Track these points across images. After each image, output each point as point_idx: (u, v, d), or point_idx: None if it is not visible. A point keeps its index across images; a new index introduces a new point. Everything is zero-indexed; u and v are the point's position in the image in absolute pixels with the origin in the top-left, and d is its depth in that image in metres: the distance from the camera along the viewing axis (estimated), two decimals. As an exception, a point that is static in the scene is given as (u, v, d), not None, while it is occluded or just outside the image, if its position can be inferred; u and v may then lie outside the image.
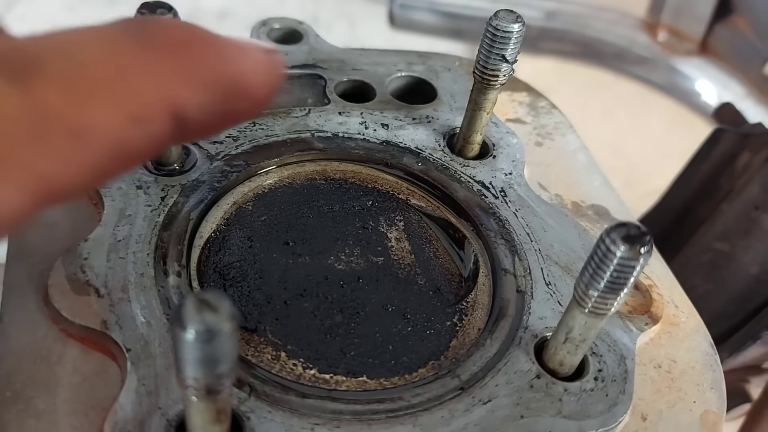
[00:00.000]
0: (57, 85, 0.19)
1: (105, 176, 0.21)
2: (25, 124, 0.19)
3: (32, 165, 0.19)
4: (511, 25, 0.35)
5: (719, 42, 0.82)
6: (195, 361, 0.21)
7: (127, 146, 0.20)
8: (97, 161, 0.20)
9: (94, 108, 0.20)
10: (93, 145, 0.20)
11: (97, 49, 0.20)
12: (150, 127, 0.21)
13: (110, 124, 0.20)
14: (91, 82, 0.20)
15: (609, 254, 0.25)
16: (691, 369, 0.33)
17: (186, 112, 0.21)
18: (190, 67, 0.22)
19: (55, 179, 0.19)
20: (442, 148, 0.40)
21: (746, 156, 0.50)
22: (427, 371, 0.30)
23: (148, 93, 0.21)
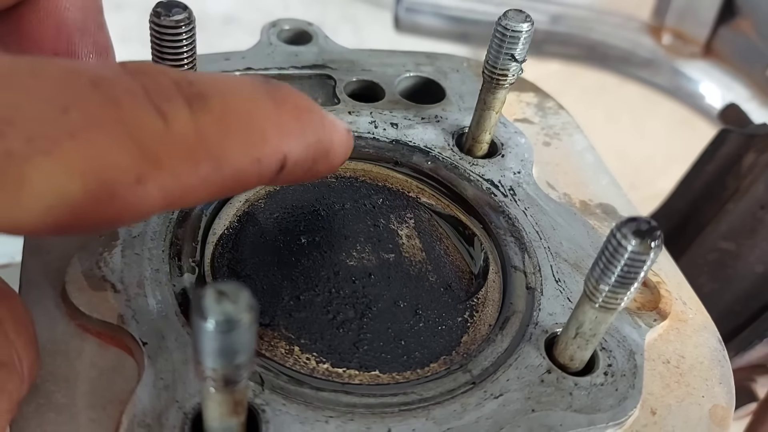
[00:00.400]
0: (215, 118, 0.24)
1: (215, 196, 0.25)
2: (185, 139, 0.23)
3: (177, 173, 0.23)
4: (520, 25, 0.35)
5: (723, 45, 0.82)
6: (214, 351, 0.21)
7: (242, 178, 0.25)
8: (219, 183, 0.24)
9: (234, 143, 0.24)
10: (223, 171, 0.24)
11: (245, 99, 0.25)
12: (263, 168, 0.25)
13: (240, 159, 0.24)
14: (238, 123, 0.25)
15: (620, 248, 0.25)
16: (700, 364, 0.33)
17: (288, 163, 0.26)
18: (303, 129, 0.27)
19: (187, 189, 0.23)
20: (451, 147, 0.40)
21: (752, 156, 0.51)
22: (439, 366, 0.31)
23: (272, 142, 0.26)
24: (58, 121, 0.21)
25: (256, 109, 0.26)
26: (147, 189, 0.22)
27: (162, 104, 0.23)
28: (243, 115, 0.25)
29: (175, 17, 0.30)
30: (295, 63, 0.43)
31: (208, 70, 0.41)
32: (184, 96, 0.23)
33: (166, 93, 0.23)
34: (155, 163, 0.22)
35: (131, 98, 0.22)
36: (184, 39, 0.31)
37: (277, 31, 0.45)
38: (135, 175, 0.22)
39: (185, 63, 0.32)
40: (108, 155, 0.22)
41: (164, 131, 0.23)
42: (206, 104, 0.24)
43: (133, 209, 0.23)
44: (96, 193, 0.21)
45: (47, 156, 0.21)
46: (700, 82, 0.86)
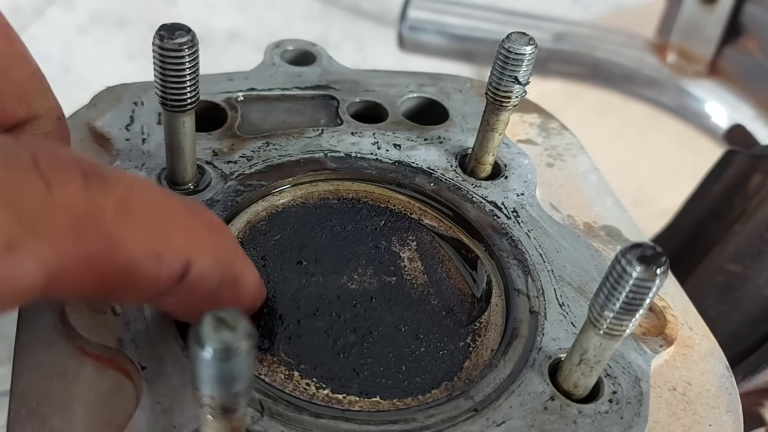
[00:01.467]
0: (114, 199, 0.23)
1: (105, 288, 0.23)
2: (71, 210, 0.21)
3: (57, 245, 0.21)
4: (523, 48, 0.35)
5: (728, 64, 0.82)
6: (212, 379, 0.21)
7: (137, 271, 0.23)
8: (109, 270, 0.23)
9: (132, 229, 0.23)
10: (114, 254, 0.23)
11: (156, 195, 0.25)
12: (163, 267, 0.24)
13: (137, 247, 0.23)
14: (140, 212, 0.24)
15: (624, 275, 0.25)
16: (707, 392, 0.33)
17: (192, 272, 0.25)
18: (214, 244, 0.26)
19: (70, 268, 0.22)
20: (454, 168, 0.40)
21: (758, 177, 0.50)
22: (441, 392, 0.30)
23: (176, 241, 0.25)
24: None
25: (166, 208, 0.25)
26: (21, 259, 0.20)
27: (49, 173, 0.21)
28: (148, 207, 0.24)
29: (179, 40, 0.30)
30: (299, 83, 0.43)
31: (212, 90, 0.41)
32: (82, 171, 0.22)
33: (58, 164, 0.22)
34: (31, 231, 0.21)
35: (9, 162, 0.21)
36: (187, 61, 0.31)
37: (281, 52, 0.45)
38: (5, 241, 0.20)
39: (188, 84, 0.32)
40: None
41: (46, 198, 0.21)
42: (106, 185, 0.23)
43: (6, 282, 0.20)
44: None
45: None
46: (706, 101, 0.85)
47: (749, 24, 0.79)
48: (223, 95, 0.41)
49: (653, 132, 1.27)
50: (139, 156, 0.37)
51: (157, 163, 0.36)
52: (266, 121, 0.41)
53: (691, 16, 0.84)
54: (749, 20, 0.79)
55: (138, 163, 0.37)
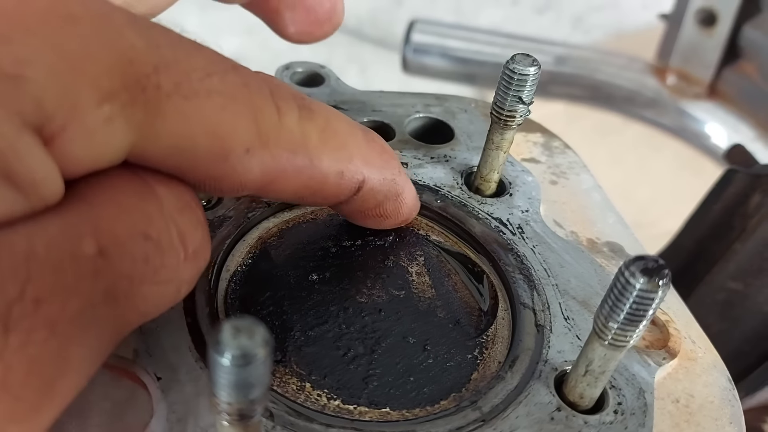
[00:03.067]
0: (317, 128, 0.30)
1: (301, 192, 0.30)
2: (291, 134, 0.28)
3: (277, 157, 0.28)
4: (527, 68, 0.36)
5: (728, 86, 0.83)
6: (230, 385, 0.21)
7: (325, 184, 0.30)
8: (306, 180, 0.29)
9: (327, 151, 0.29)
10: (313, 170, 0.29)
11: (345, 126, 0.31)
12: (344, 182, 0.31)
13: (328, 165, 0.30)
14: (333, 139, 0.30)
15: (628, 287, 0.26)
16: (710, 404, 0.33)
17: (365, 187, 0.32)
18: (383, 165, 0.32)
19: (281, 174, 0.28)
20: (460, 185, 0.41)
21: (758, 196, 0.51)
22: (449, 403, 0.31)
23: (356, 163, 0.31)
24: (202, 80, 0.25)
25: (351, 135, 0.31)
26: (251, 161, 0.26)
27: (280, 102, 0.27)
28: (339, 136, 0.30)
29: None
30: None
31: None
32: (298, 104, 0.28)
33: (284, 96, 0.28)
34: (264, 143, 0.27)
35: (259, 88, 0.27)
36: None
37: (290, 74, 0.47)
38: (246, 146, 0.26)
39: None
40: (231, 123, 0.26)
41: (277, 121, 0.27)
42: (312, 116, 0.29)
43: (235, 176, 0.26)
44: (214, 147, 0.25)
45: (185, 100, 0.24)
46: (706, 123, 0.87)
47: (747, 47, 0.81)
48: (235, 115, 0.42)
49: (654, 153, 1.28)
50: (153, 173, 0.38)
51: (170, 180, 0.37)
52: (276, 140, 0.42)
53: (691, 39, 0.85)
54: (747, 43, 0.81)
55: (152, 180, 0.37)
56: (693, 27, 0.85)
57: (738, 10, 0.79)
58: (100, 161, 0.24)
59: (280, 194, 0.29)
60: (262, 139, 0.27)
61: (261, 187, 0.28)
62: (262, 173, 0.27)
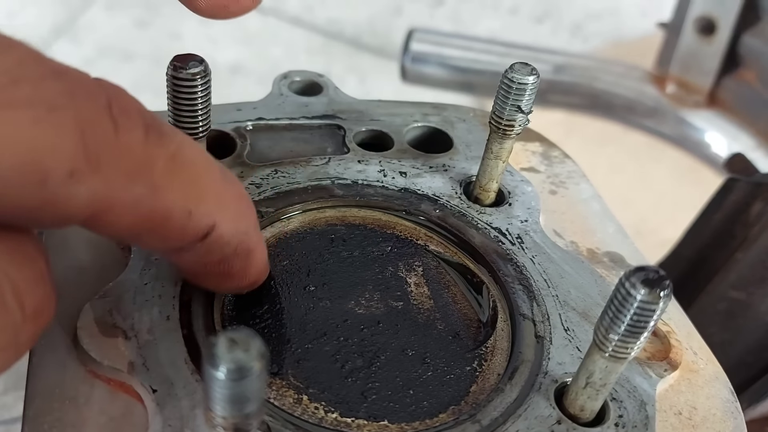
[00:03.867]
0: (166, 155, 0.25)
1: (137, 229, 0.25)
2: (130, 155, 0.23)
3: (111, 182, 0.23)
4: (526, 78, 0.36)
5: (727, 94, 0.83)
6: (225, 399, 0.21)
7: (168, 222, 0.25)
8: (146, 215, 0.25)
9: (174, 184, 0.25)
10: (154, 203, 0.24)
11: (201, 159, 0.27)
12: (190, 223, 0.26)
13: (174, 200, 0.25)
14: (184, 171, 0.25)
15: (629, 298, 0.26)
16: (712, 416, 0.33)
17: (213, 234, 0.27)
18: (239, 212, 0.28)
19: (114, 205, 0.24)
20: (459, 195, 0.41)
21: (759, 205, 0.51)
22: (448, 416, 0.31)
23: (208, 204, 0.26)
24: (5, 88, 0.21)
25: (207, 171, 0.27)
26: (77, 187, 0.22)
27: (120, 117, 0.23)
28: (192, 168, 0.26)
29: (192, 70, 0.31)
30: (306, 113, 0.44)
31: (221, 120, 0.42)
32: (144, 122, 0.24)
33: (127, 110, 0.24)
34: (93, 165, 0.22)
35: (90, 98, 0.23)
36: (199, 91, 0.32)
37: (288, 83, 0.47)
38: (70, 168, 0.22)
39: (200, 114, 0.33)
40: (48, 140, 0.21)
41: (113, 139, 0.23)
42: (162, 140, 0.24)
43: (57, 205, 0.22)
44: (26, 171, 0.21)
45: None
46: (705, 131, 0.87)
47: (747, 55, 0.81)
48: (233, 125, 0.42)
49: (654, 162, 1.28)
50: (150, 183, 0.38)
51: (167, 191, 0.37)
52: (274, 150, 0.42)
53: (690, 47, 0.85)
54: (747, 51, 0.81)
55: (149, 191, 0.37)
56: (692, 35, 0.85)
57: (737, 18, 0.79)
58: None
59: (111, 229, 0.25)
60: (91, 160, 0.22)
61: (89, 218, 0.23)
62: (90, 201, 0.23)
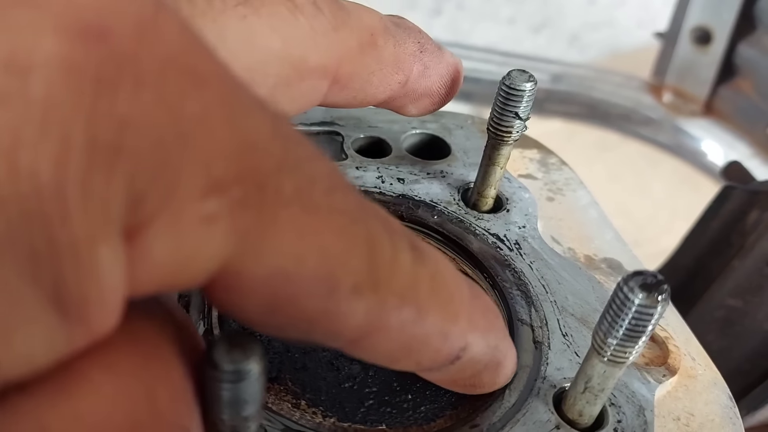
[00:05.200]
0: (428, 275, 0.23)
1: (397, 353, 0.24)
2: (404, 276, 0.22)
3: (385, 304, 0.22)
4: (523, 84, 0.36)
5: (724, 103, 0.84)
6: (223, 401, 0.21)
7: (424, 347, 0.24)
8: (405, 340, 0.23)
9: (435, 306, 0.23)
10: (417, 327, 0.23)
11: (451, 274, 0.25)
12: (445, 347, 0.24)
13: (434, 324, 0.23)
14: (442, 291, 0.24)
15: (627, 302, 0.26)
16: (710, 422, 0.33)
17: (465, 356, 0.25)
18: (488, 328, 0.26)
19: (383, 327, 0.22)
20: (457, 201, 0.41)
21: (756, 213, 0.51)
22: (445, 421, 0.30)
23: (461, 324, 0.25)
24: (327, 194, 0.20)
25: (457, 287, 0.25)
26: (357, 304, 0.21)
27: (393, 236, 0.22)
28: (447, 287, 0.24)
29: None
30: (304, 120, 0.44)
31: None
32: (410, 242, 0.23)
33: (397, 230, 0.23)
34: (374, 282, 0.21)
35: (376, 215, 0.22)
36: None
37: (287, 89, 0.47)
38: (355, 282, 0.20)
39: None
40: (346, 251, 0.20)
41: (392, 259, 0.22)
42: (424, 259, 0.23)
43: (335, 319, 0.21)
44: (320, 280, 0.20)
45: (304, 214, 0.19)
46: (702, 140, 0.87)
47: (743, 65, 0.81)
48: (231, 131, 0.42)
49: (652, 170, 1.28)
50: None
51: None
52: (273, 156, 0.42)
53: (686, 57, 0.86)
54: (742, 61, 0.81)
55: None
56: (688, 45, 0.85)
57: (733, 28, 0.80)
58: (184, 276, 0.18)
59: (370, 353, 0.23)
60: (373, 278, 0.21)
61: (356, 339, 0.22)
62: (365, 320, 0.21)
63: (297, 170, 0.19)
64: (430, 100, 0.37)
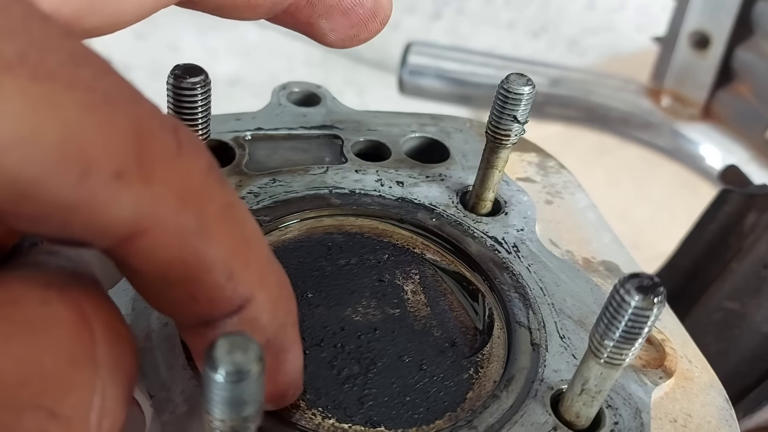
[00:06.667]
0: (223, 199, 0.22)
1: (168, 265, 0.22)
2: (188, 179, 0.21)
3: (158, 198, 0.20)
4: (522, 88, 0.36)
5: (722, 107, 0.84)
6: (223, 402, 0.21)
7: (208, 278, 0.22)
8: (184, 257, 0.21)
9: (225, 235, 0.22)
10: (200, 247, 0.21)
11: (251, 220, 0.23)
12: (229, 287, 0.22)
13: (218, 252, 0.22)
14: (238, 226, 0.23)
15: (623, 304, 0.26)
16: (707, 423, 0.33)
17: (247, 311, 0.23)
18: (279, 296, 0.25)
19: (157, 225, 0.21)
20: (456, 204, 0.41)
21: (753, 216, 0.51)
22: (444, 423, 0.31)
23: (252, 274, 0.23)
24: (65, 66, 0.19)
25: (257, 238, 0.23)
26: (121, 193, 0.19)
27: (185, 141, 0.21)
28: (243, 228, 0.23)
29: (192, 79, 0.32)
30: (304, 123, 0.45)
31: (220, 129, 0.42)
32: (209, 161, 0.22)
33: (195, 143, 0.21)
34: (145, 174, 0.19)
35: (153, 113, 0.20)
36: (199, 100, 0.32)
37: (287, 93, 0.47)
38: (117, 167, 0.19)
39: (200, 123, 0.33)
40: (101, 129, 0.19)
41: (173, 155, 0.20)
42: (223, 185, 0.22)
43: (95, 207, 0.19)
44: (68, 157, 0.18)
45: (34, 82, 0.18)
46: (700, 144, 0.87)
47: (740, 69, 0.82)
48: (232, 134, 0.43)
49: (650, 175, 1.28)
50: (148, 192, 0.38)
51: (166, 199, 0.37)
52: (273, 159, 0.42)
53: (684, 61, 0.86)
54: (740, 65, 0.82)
55: (148, 199, 0.37)
56: (687, 49, 0.85)
57: (731, 32, 0.80)
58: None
59: (143, 260, 0.21)
60: (144, 168, 0.19)
61: (126, 236, 0.20)
62: (133, 214, 0.19)
63: (21, 36, 0.18)
64: (347, 20, 0.32)
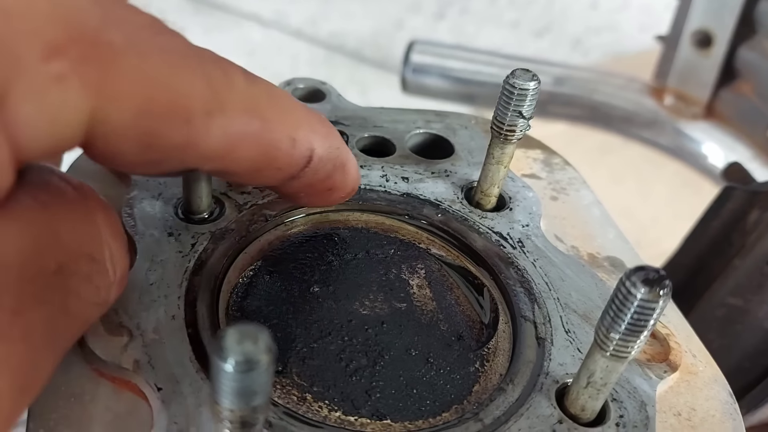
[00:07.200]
0: (264, 92, 0.28)
1: (256, 163, 0.28)
2: (243, 96, 0.27)
3: (235, 121, 0.27)
4: (527, 83, 0.36)
5: (725, 106, 0.84)
6: (233, 391, 0.22)
7: (279, 152, 0.29)
8: (262, 147, 0.28)
9: (277, 116, 0.28)
10: (267, 135, 0.28)
11: (285, 93, 0.30)
12: (296, 151, 0.29)
13: (280, 131, 0.28)
14: (280, 103, 0.29)
15: (629, 297, 0.26)
16: (711, 417, 0.33)
17: (314, 158, 0.30)
18: (327, 133, 0.31)
19: (239, 140, 0.27)
20: (461, 200, 0.41)
21: (756, 213, 0.52)
22: (451, 415, 0.31)
23: (304, 130, 0.29)
24: (153, 38, 0.24)
25: (292, 102, 0.29)
26: (213, 125, 0.25)
27: (223, 65, 0.26)
28: (283, 102, 0.29)
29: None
30: None
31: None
32: (239, 69, 0.27)
33: (226, 62, 0.27)
34: (221, 105, 0.25)
35: (202, 51, 0.26)
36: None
37: (292, 89, 0.47)
38: (206, 108, 0.25)
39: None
40: (188, 83, 0.24)
41: (228, 84, 0.26)
42: (255, 81, 0.28)
43: (199, 142, 0.25)
44: (177, 111, 0.24)
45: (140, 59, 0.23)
46: (703, 143, 0.87)
47: (743, 68, 0.82)
48: (237, 130, 0.43)
49: (655, 172, 1.28)
50: (155, 186, 0.38)
51: (173, 194, 0.38)
52: (278, 155, 0.43)
53: (687, 60, 0.86)
54: (743, 64, 0.82)
55: (155, 193, 0.38)
56: (689, 48, 0.85)
57: (734, 31, 0.80)
58: (59, 133, 0.22)
59: (239, 165, 0.27)
60: (219, 101, 0.25)
61: (222, 156, 0.26)
62: (224, 138, 0.26)
63: (121, 23, 0.23)
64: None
